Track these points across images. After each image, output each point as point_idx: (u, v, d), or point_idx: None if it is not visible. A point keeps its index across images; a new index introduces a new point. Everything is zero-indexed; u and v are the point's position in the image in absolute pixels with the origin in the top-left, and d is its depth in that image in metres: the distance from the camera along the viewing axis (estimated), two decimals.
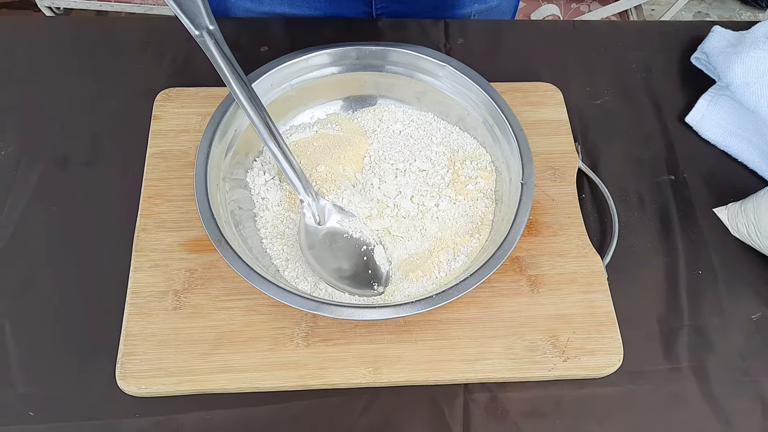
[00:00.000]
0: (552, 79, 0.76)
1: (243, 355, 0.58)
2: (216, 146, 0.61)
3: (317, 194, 0.62)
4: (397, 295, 0.60)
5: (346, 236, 0.62)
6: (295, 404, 0.58)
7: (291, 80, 0.67)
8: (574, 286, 0.62)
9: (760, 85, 0.70)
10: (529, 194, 0.60)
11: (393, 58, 0.67)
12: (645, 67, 0.81)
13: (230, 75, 0.57)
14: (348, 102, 0.71)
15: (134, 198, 0.65)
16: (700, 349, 0.62)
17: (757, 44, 0.72)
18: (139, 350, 0.57)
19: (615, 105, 0.77)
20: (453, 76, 0.66)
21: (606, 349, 0.60)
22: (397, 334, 0.59)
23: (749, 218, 0.66)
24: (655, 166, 0.73)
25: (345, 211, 0.63)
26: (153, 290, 0.60)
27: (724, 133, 0.74)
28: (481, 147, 0.68)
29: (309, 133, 0.69)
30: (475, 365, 0.58)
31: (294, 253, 0.62)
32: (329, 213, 0.62)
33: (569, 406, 0.59)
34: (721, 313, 0.64)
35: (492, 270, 0.56)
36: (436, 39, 0.80)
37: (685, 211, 0.70)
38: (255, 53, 0.78)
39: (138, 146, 0.69)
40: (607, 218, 0.68)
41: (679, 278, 0.66)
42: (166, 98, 0.72)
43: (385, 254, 0.62)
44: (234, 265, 0.55)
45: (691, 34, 0.83)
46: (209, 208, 0.57)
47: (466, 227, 0.64)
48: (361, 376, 0.58)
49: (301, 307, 0.54)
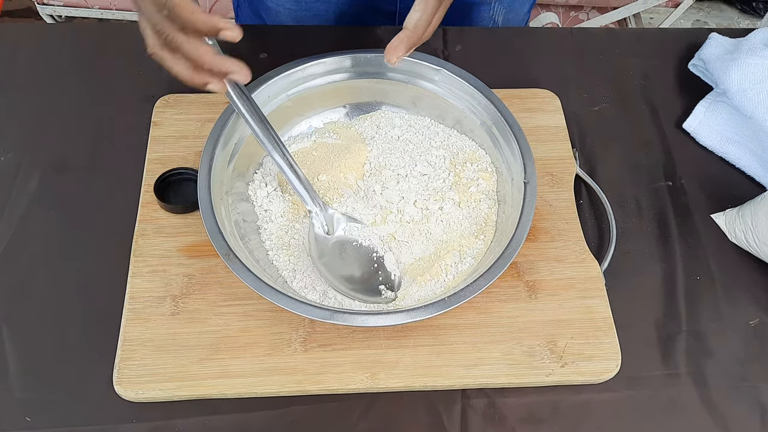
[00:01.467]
0: (550, 85, 0.77)
1: (240, 360, 0.58)
2: (217, 160, 0.61)
3: (324, 204, 0.62)
4: (408, 299, 0.60)
5: (355, 244, 0.63)
6: (292, 410, 0.58)
7: (288, 90, 0.67)
8: (572, 292, 0.62)
9: (757, 91, 0.71)
10: (533, 193, 0.60)
11: (388, 64, 0.67)
12: (642, 73, 0.81)
13: (231, 88, 0.57)
14: (345, 110, 0.71)
15: (133, 203, 0.66)
16: (697, 355, 0.62)
17: (754, 51, 0.72)
18: (137, 356, 0.57)
19: (613, 111, 0.77)
20: (449, 80, 0.67)
21: (604, 354, 0.60)
22: (395, 339, 0.59)
23: (747, 224, 0.66)
24: (653, 173, 0.73)
25: (353, 219, 0.63)
26: (151, 296, 0.60)
27: (722, 140, 0.74)
28: (481, 149, 0.68)
29: (308, 142, 0.70)
30: (473, 371, 0.58)
31: (301, 263, 0.62)
32: (338, 222, 0.63)
33: (567, 412, 0.59)
34: (719, 319, 0.64)
35: (501, 270, 0.56)
36: (434, 46, 0.81)
37: (682, 217, 0.70)
38: (254, 60, 0.78)
39: (137, 152, 0.69)
40: (605, 224, 0.68)
41: (677, 284, 0.66)
42: (166, 104, 0.72)
43: (395, 260, 0.62)
44: (244, 279, 0.55)
45: (689, 41, 0.83)
46: (215, 222, 0.57)
47: (470, 229, 0.64)
48: (359, 381, 0.58)
49: (315, 317, 0.54)
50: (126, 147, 0.70)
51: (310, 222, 0.61)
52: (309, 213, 0.61)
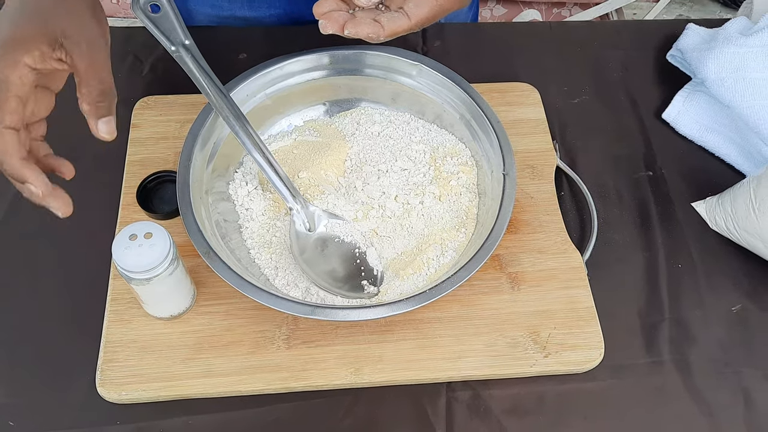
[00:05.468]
0: (529, 79, 0.77)
1: (224, 359, 0.58)
2: (196, 159, 0.61)
3: (306, 201, 0.62)
4: (390, 294, 0.60)
5: (337, 240, 0.63)
6: (277, 407, 0.58)
7: (266, 89, 0.67)
8: (555, 283, 0.63)
9: (734, 80, 0.71)
10: (512, 185, 0.60)
11: (366, 61, 0.68)
12: (622, 65, 0.81)
13: (209, 87, 0.57)
14: (325, 107, 0.71)
15: (113, 206, 0.65)
16: (681, 342, 0.62)
17: (730, 40, 0.73)
18: (120, 357, 0.57)
19: (592, 103, 0.78)
20: (427, 75, 0.67)
21: (587, 343, 0.60)
22: (379, 334, 0.59)
23: (727, 211, 0.66)
24: (633, 163, 0.73)
25: (334, 215, 0.63)
26: (133, 297, 0.60)
27: (701, 129, 0.75)
28: (461, 142, 0.69)
29: (288, 141, 0.70)
30: (457, 363, 0.58)
31: (283, 261, 0.62)
32: (318, 219, 0.63)
33: (552, 402, 0.59)
34: (701, 306, 0.64)
35: (481, 262, 0.56)
36: (413, 43, 0.81)
37: (663, 206, 0.70)
38: (233, 61, 0.78)
39: (117, 155, 0.69)
40: (587, 215, 0.68)
41: (659, 272, 0.66)
42: (145, 106, 0.72)
43: (377, 255, 0.62)
44: (225, 276, 0.55)
45: (667, 33, 0.84)
46: (194, 220, 0.57)
47: (451, 222, 0.64)
48: (343, 377, 0.57)
49: (296, 313, 0.54)
50: (105, 150, 0.69)
51: (291, 219, 0.61)
52: (290, 210, 0.61)
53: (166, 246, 0.52)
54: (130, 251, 0.51)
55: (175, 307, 0.58)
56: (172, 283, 0.55)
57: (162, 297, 0.56)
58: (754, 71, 0.71)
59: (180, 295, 0.57)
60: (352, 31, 0.52)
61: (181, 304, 0.58)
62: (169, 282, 0.54)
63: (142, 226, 0.52)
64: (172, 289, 0.56)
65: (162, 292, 0.55)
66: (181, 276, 0.56)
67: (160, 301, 0.57)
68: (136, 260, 0.51)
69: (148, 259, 0.51)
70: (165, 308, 0.58)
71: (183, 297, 0.58)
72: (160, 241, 0.52)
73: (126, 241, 0.52)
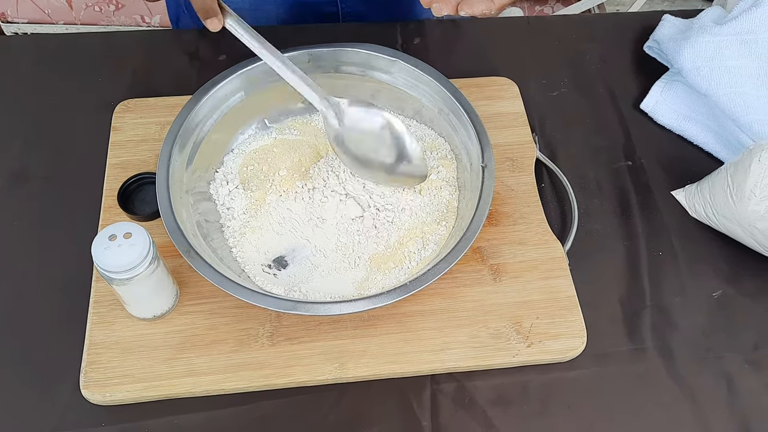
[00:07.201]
0: (508, 73, 0.78)
1: (207, 358, 0.58)
2: (175, 160, 0.61)
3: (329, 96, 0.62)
4: (372, 288, 0.60)
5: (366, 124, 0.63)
6: (262, 404, 0.58)
7: (245, 88, 0.67)
8: (536, 273, 0.63)
9: (710, 68, 0.72)
10: (491, 176, 0.61)
11: (345, 59, 0.68)
12: (599, 57, 0.82)
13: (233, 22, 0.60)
14: (304, 105, 0.71)
15: (95, 209, 0.65)
16: (663, 329, 0.63)
17: (705, 29, 0.73)
18: (103, 358, 0.57)
19: (571, 96, 0.78)
20: (405, 71, 0.67)
21: (569, 332, 0.60)
22: (362, 328, 0.60)
23: (706, 198, 0.67)
24: (613, 153, 0.74)
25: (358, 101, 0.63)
26: (116, 299, 0.60)
27: (679, 118, 0.76)
28: (440, 137, 0.69)
29: (268, 139, 0.70)
30: (441, 355, 0.59)
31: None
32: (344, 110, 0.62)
33: (536, 392, 0.59)
34: (682, 293, 0.65)
35: (461, 253, 0.56)
36: (392, 40, 0.81)
37: (643, 195, 0.71)
38: (214, 62, 0.78)
39: (98, 158, 0.69)
40: (567, 206, 0.69)
41: (640, 260, 0.66)
42: (125, 109, 0.72)
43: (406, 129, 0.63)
44: (205, 274, 0.55)
45: (643, 24, 0.84)
46: (174, 219, 0.57)
47: (432, 216, 0.65)
48: (327, 372, 0.58)
49: (278, 309, 0.54)
50: (87, 153, 0.70)
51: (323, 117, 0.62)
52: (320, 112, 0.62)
53: (145, 245, 0.52)
54: (109, 251, 0.51)
55: (157, 307, 0.58)
56: (153, 283, 0.55)
57: (144, 297, 0.56)
58: (729, 59, 0.72)
59: (162, 295, 0.58)
60: (468, 11, 0.54)
61: (164, 304, 0.58)
62: (150, 282, 0.54)
63: (121, 226, 0.52)
64: (154, 289, 0.56)
65: (143, 292, 0.55)
66: (163, 276, 0.56)
67: (142, 301, 0.57)
68: (116, 260, 0.51)
69: (127, 259, 0.51)
70: (147, 309, 0.58)
71: (165, 297, 0.58)
72: (139, 240, 0.52)
73: (105, 242, 0.52)
